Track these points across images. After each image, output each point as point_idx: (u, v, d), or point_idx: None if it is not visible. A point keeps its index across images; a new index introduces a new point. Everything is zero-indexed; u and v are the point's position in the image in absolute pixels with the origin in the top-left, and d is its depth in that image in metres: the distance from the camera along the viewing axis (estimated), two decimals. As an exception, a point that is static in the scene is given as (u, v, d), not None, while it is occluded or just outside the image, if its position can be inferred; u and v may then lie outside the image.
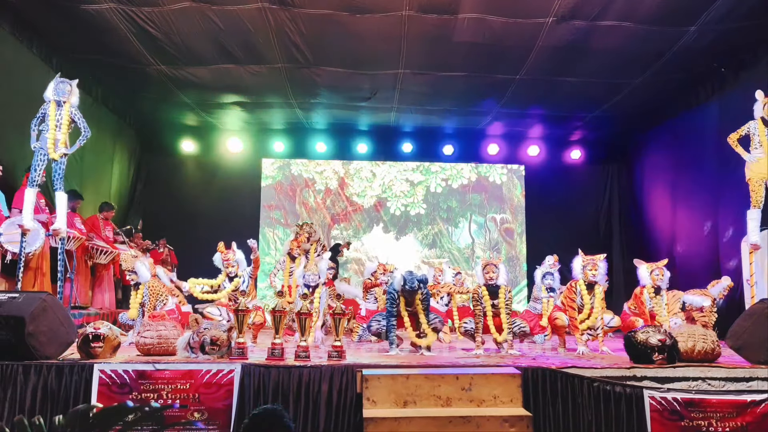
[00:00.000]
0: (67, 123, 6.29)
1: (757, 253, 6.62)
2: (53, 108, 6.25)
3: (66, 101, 6.29)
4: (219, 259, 6.45)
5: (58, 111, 6.26)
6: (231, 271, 6.38)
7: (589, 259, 5.96)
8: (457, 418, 4.04)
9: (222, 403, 4.21)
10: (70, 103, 6.32)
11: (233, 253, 6.44)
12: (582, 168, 12.08)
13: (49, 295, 4.75)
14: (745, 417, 4.10)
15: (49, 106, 6.26)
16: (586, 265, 5.91)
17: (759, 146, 6.64)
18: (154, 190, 11.47)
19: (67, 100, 6.31)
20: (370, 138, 11.67)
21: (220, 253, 6.46)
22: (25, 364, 4.27)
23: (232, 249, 6.46)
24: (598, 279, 5.92)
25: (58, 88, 6.28)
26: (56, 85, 6.28)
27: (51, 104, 6.25)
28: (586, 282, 5.90)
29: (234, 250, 6.48)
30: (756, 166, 6.64)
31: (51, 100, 6.25)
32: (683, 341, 4.86)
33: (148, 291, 5.80)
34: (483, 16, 6.98)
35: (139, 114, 10.70)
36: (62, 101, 6.27)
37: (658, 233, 10.38)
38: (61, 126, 6.23)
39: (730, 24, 7.01)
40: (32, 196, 6.24)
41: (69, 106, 6.31)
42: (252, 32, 7.38)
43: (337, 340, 4.79)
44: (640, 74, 8.48)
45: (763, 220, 6.72)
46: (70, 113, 6.30)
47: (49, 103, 6.26)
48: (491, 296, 5.75)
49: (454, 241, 11.95)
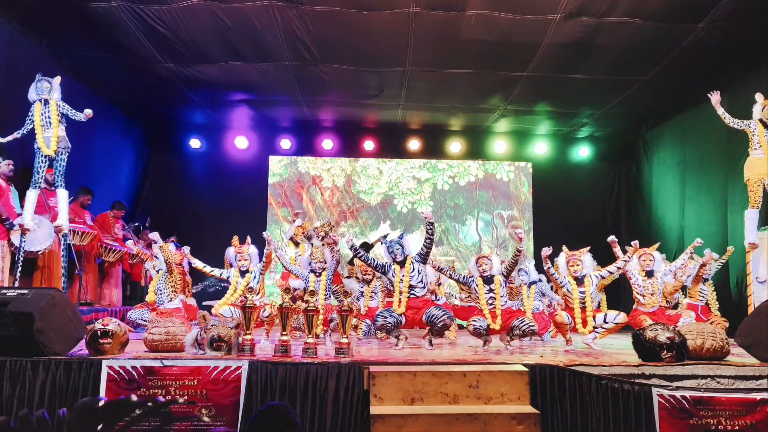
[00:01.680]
0: (56, 119, 6.34)
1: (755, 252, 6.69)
2: (38, 108, 6.33)
3: (49, 98, 6.35)
4: (232, 254, 6.43)
5: (44, 109, 6.33)
6: (243, 265, 6.36)
7: (571, 254, 6.09)
8: (464, 415, 4.03)
9: (229, 399, 4.22)
10: (55, 100, 6.37)
11: (248, 246, 6.44)
12: (589, 165, 12.03)
13: (57, 291, 4.77)
14: (755, 415, 4.07)
15: (35, 106, 6.34)
16: (568, 261, 6.02)
17: (758, 147, 6.66)
18: (161, 188, 11.51)
19: (49, 97, 6.36)
20: (377, 135, 11.66)
21: (233, 247, 6.44)
22: (34, 360, 4.30)
23: (247, 243, 6.47)
24: (586, 272, 6.00)
25: (37, 87, 6.37)
26: (36, 84, 6.36)
27: (36, 105, 6.34)
28: (573, 278, 6.01)
29: (249, 244, 6.48)
30: (754, 166, 6.66)
31: (35, 101, 6.33)
32: (692, 339, 4.83)
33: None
34: (490, 12, 6.96)
35: (147, 112, 10.72)
36: (46, 99, 6.34)
37: (666, 231, 10.32)
38: (50, 124, 6.29)
39: (738, 21, 6.96)
40: (33, 197, 6.32)
41: (54, 102, 6.36)
42: (259, 29, 7.38)
43: (344, 336, 4.80)
44: (648, 71, 8.43)
45: (763, 220, 6.74)
46: (57, 108, 6.36)
47: (34, 104, 6.34)
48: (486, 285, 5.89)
49: (461, 239, 11.93)
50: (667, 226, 10.32)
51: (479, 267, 5.95)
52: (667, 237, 10.26)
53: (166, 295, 6.45)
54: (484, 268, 5.91)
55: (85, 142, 8.32)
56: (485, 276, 5.90)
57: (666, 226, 10.37)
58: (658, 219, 10.66)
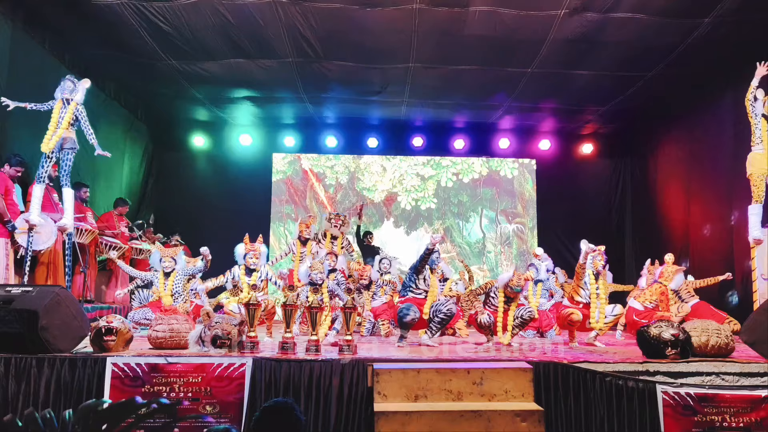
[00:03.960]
0: (68, 120, 6.37)
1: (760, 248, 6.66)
2: (58, 106, 6.36)
3: (70, 99, 6.37)
4: (241, 251, 6.34)
5: (63, 109, 6.36)
6: (254, 263, 6.29)
7: (596, 249, 6.05)
8: (468, 412, 4.03)
9: (233, 396, 4.23)
10: (76, 101, 6.39)
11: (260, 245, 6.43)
12: (594, 162, 11.99)
13: (62, 289, 4.78)
14: (760, 412, 4.06)
15: (56, 103, 6.36)
16: (593, 255, 5.98)
17: (760, 142, 6.64)
18: (165, 185, 11.52)
19: (71, 97, 6.38)
20: (381, 132, 11.64)
21: (243, 245, 6.37)
22: (39, 358, 4.31)
23: (259, 241, 6.46)
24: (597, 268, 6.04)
25: (62, 85, 6.40)
26: (62, 83, 6.39)
27: (58, 102, 6.36)
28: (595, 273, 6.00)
29: (261, 242, 6.48)
30: (756, 161, 6.63)
31: (58, 99, 6.36)
32: (697, 336, 4.81)
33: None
34: (494, 8, 6.93)
35: (151, 109, 10.73)
36: (68, 99, 6.36)
37: (672, 227, 10.29)
38: (61, 124, 6.31)
39: (744, 16, 6.92)
40: (39, 192, 6.33)
41: (74, 104, 6.38)
42: (262, 26, 7.37)
43: (348, 334, 4.80)
44: (654, 67, 8.39)
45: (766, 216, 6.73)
46: (74, 111, 6.38)
47: (56, 101, 6.36)
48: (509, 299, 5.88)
49: (464, 236, 11.92)
50: (672, 223, 10.29)
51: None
52: (672, 234, 10.23)
53: (183, 298, 6.43)
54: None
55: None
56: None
57: (671, 223, 10.34)
58: (664, 216, 10.62)
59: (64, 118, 6.34)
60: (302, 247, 7.77)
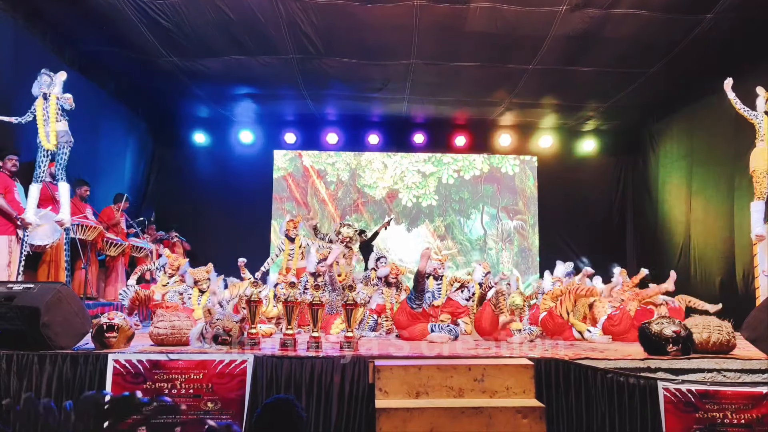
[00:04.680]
0: (54, 113, 6.36)
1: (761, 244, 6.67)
2: (40, 103, 6.37)
3: (48, 93, 6.36)
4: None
5: (45, 104, 6.36)
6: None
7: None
8: (469, 408, 4.03)
9: (235, 393, 4.23)
10: (55, 94, 6.39)
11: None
12: (595, 159, 11.97)
13: (63, 285, 4.78)
14: (761, 409, 4.06)
15: (37, 100, 6.36)
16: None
17: (763, 138, 6.64)
18: (166, 182, 11.51)
19: (50, 91, 6.38)
20: (382, 129, 11.63)
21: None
22: (41, 354, 4.31)
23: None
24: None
25: (39, 81, 6.39)
26: (38, 79, 6.38)
27: (38, 99, 6.36)
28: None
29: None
30: (759, 157, 6.62)
31: (38, 95, 6.36)
32: (698, 332, 4.81)
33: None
34: (495, 5, 6.92)
35: (151, 106, 10.72)
36: (47, 93, 6.35)
37: (673, 224, 10.28)
38: (48, 118, 6.31)
39: (746, 12, 6.90)
40: (36, 192, 6.35)
41: (54, 97, 6.38)
42: (263, 23, 7.36)
43: (350, 330, 4.80)
44: (655, 63, 8.37)
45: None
46: (56, 104, 6.38)
47: (37, 99, 6.36)
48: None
49: (466, 233, 11.91)
50: (674, 219, 10.27)
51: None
52: (673, 230, 10.22)
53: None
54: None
55: (90, 137, 8.34)
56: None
57: (673, 220, 10.32)
58: (665, 212, 10.61)
59: (49, 113, 6.34)
60: (290, 244, 7.88)
